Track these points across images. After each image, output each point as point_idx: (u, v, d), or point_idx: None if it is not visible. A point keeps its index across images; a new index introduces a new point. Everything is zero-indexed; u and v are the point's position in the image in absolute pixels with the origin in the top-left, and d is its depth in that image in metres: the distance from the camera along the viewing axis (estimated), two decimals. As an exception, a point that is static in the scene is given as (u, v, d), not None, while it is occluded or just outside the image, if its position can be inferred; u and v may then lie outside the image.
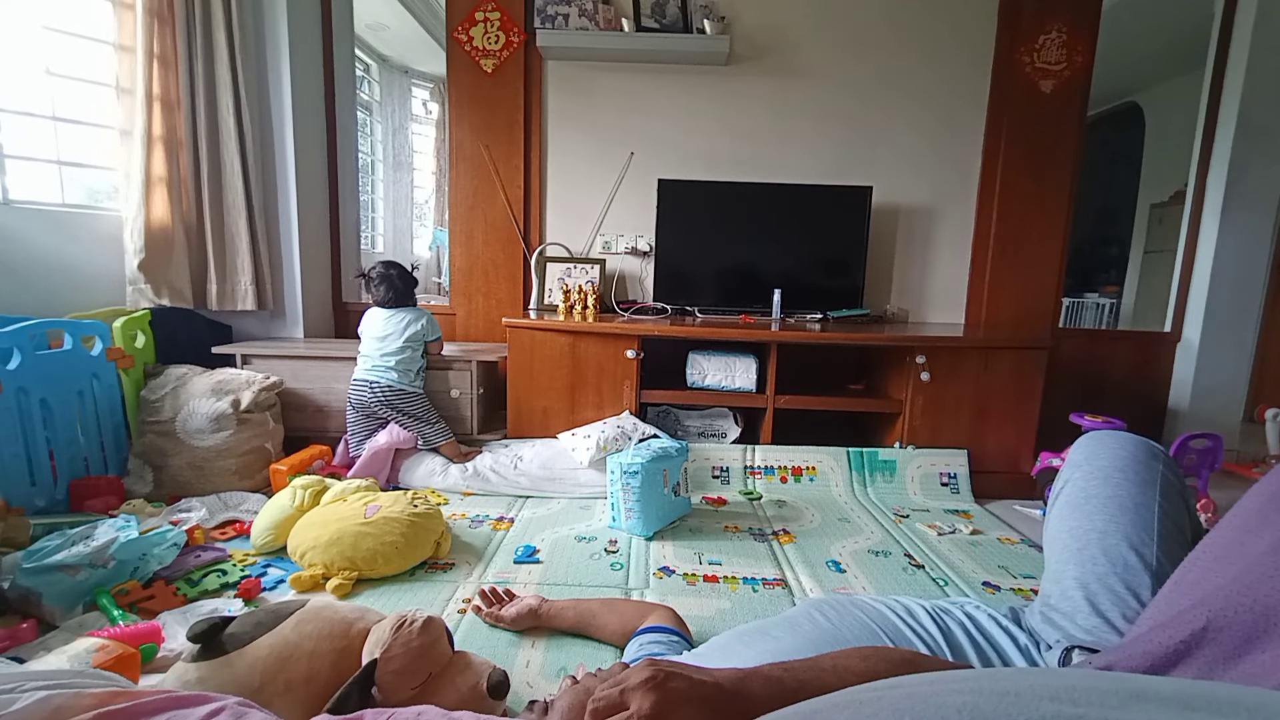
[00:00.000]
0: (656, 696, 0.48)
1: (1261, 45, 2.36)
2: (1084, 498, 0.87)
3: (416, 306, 2.15)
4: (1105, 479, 0.87)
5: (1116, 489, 0.85)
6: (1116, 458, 0.88)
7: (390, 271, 2.10)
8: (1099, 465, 0.89)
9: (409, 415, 2.03)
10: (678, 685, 0.49)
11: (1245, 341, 2.54)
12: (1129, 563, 0.79)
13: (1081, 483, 0.89)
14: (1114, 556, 0.80)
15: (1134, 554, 0.79)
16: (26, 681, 0.59)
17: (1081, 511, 0.86)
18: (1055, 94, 2.49)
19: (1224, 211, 2.46)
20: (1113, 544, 0.81)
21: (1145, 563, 0.78)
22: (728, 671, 0.53)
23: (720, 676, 0.52)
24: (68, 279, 2.03)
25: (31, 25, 1.97)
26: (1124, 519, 0.82)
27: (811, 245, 2.52)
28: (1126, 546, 0.80)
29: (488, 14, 2.50)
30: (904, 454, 2.11)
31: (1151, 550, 0.79)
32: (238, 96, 2.25)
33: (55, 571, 1.19)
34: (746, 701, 0.50)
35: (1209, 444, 1.93)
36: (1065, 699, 0.30)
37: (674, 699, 0.49)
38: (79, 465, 1.75)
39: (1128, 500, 0.83)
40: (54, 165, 2.05)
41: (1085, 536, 0.84)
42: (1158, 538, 0.79)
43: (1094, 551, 0.82)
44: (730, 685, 0.51)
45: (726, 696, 0.50)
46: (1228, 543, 0.60)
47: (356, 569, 1.36)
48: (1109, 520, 0.83)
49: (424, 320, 2.11)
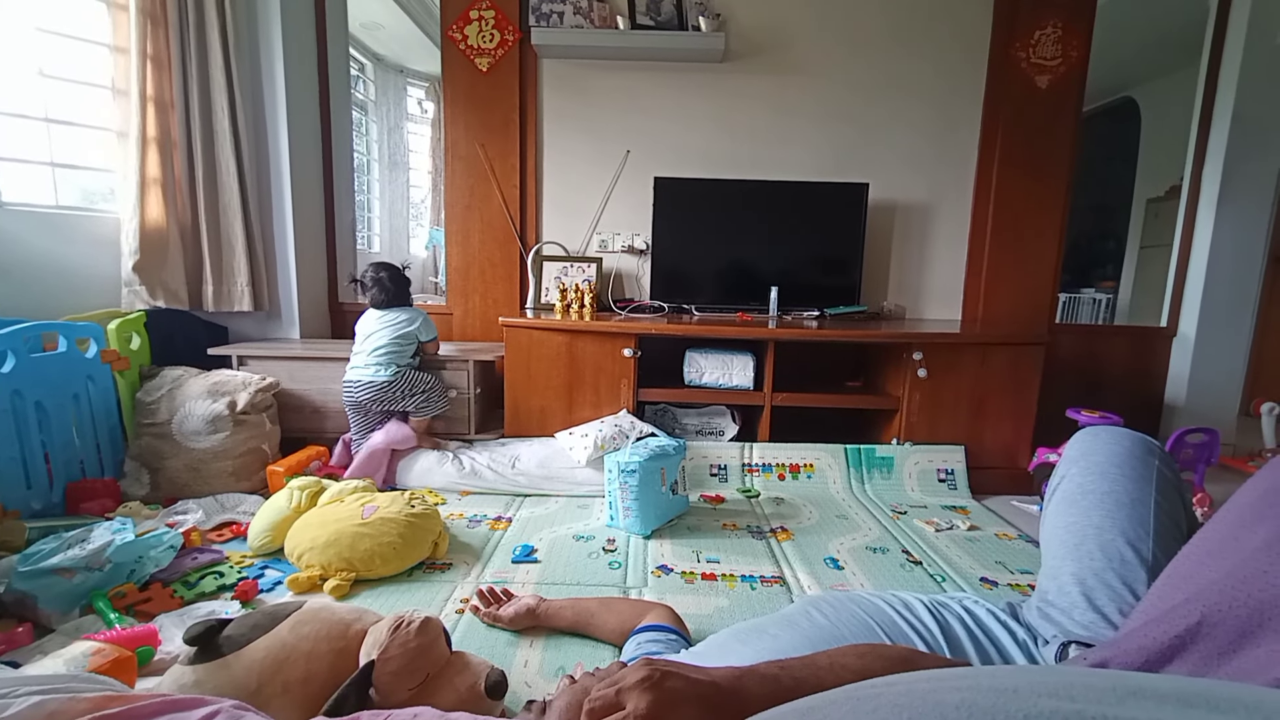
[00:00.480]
0: (653, 696, 0.48)
1: (1256, 39, 2.36)
2: (1080, 493, 0.88)
3: (412, 306, 2.15)
4: (1102, 474, 0.87)
5: (1113, 484, 0.85)
6: (1113, 453, 0.88)
7: (381, 274, 2.10)
8: (1095, 461, 0.89)
9: (400, 394, 2.02)
10: (674, 685, 0.49)
11: (1241, 336, 2.54)
12: (1125, 558, 0.79)
13: (1078, 478, 0.89)
14: (1110, 552, 0.80)
15: (1130, 549, 0.79)
16: (20, 686, 0.58)
17: (1078, 507, 0.86)
18: (1051, 89, 2.49)
19: (1220, 206, 2.47)
20: (1109, 539, 0.81)
21: (1141, 558, 0.78)
22: (724, 670, 0.53)
23: (717, 675, 0.52)
24: (62, 281, 2.02)
25: (24, 27, 1.96)
26: (1120, 514, 0.82)
27: (808, 242, 2.52)
28: (1123, 542, 0.80)
29: (482, 12, 2.49)
30: (901, 450, 2.11)
31: (1148, 546, 0.79)
32: (232, 97, 2.24)
33: (51, 575, 1.19)
34: (743, 700, 0.50)
35: (1205, 438, 1.93)
36: (1063, 695, 0.30)
37: (670, 698, 0.49)
38: (75, 468, 1.74)
39: (1124, 496, 0.83)
40: (48, 167, 2.05)
41: (1082, 532, 0.84)
42: (1154, 533, 0.80)
43: (1090, 547, 0.82)
44: (727, 684, 0.51)
45: (723, 695, 0.50)
46: (1222, 537, 0.60)
47: (354, 570, 1.36)
48: (1105, 516, 0.83)
49: (419, 320, 2.10)
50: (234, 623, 0.92)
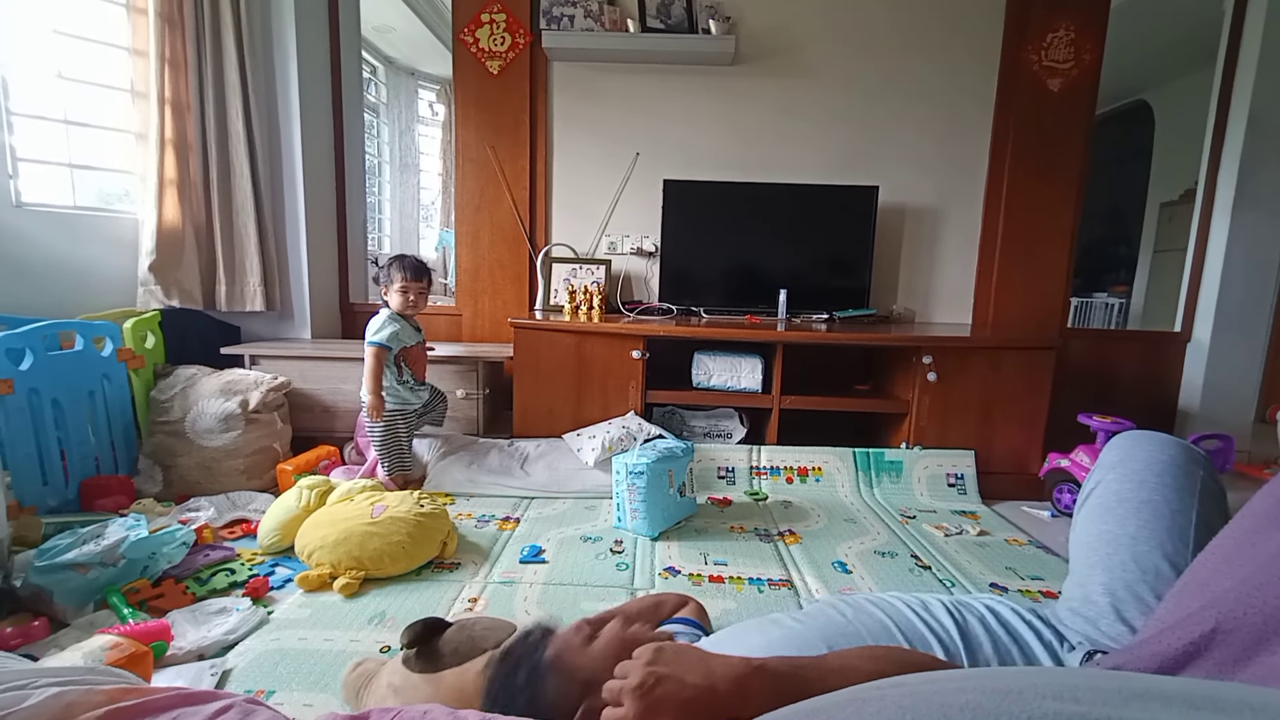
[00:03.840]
0: (643, 705, 0.53)
1: (1273, 43, 2.33)
2: (1116, 500, 0.85)
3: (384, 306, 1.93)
4: (1140, 483, 0.84)
5: (1152, 494, 0.82)
6: (1154, 461, 0.85)
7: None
8: (1133, 468, 0.86)
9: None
10: (666, 689, 0.54)
11: (1256, 341, 2.51)
12: (1161, 571, 0.76)
13: (1115, 485, 0.86)
14: (1145, 564, 0.77)
15: (1166, 563, 0.76)
16: (39, 678, 0.59)
17: (1113, 515, 0.84)
18: (1063, 93, 2.48)
19: (1235, 210, 2.44)
20: (1144, 551, 0.78)
21: (1178, 573, 0.74)
22: (732, 667, 0.55)
23: (718, 678, 0.54)
24: (79, 281, 2.05)
25: (42, 30, 1.99)
26: (1159, 526, 0.79)
27: (817, 245, 2.51)
28: (1159, 555, 0.77)
29: (493, 16, 2.51)
30: (911, 455, 2.10)
31: (1186, 560, 0.75)
32: (246, 100, 2.27)
33: (66, 570, 1.20)
34: (742, 702, 0.52)
35: (1220, 445, 1.91)
36: (1068, 697, 0.30)
37: (658, 706, 0.53)
38: (90, 465, 1.77)
39: (1163, 506, 0.80)
40: (66, 168, 2.08)
41: (1115, 541, 0.81)
42: (1194, 548, 0.76)
43: (1124, 557, 0.79)
44: (726, 686, 0.53)
45: (716, 698, 0.53)
46: (1237, 544, 0.60)
47: (363, 568, 1.37)
48: (1142, 526, 0.80)
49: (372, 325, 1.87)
50: (456, 628, 0.88)
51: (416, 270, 1.87)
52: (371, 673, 0.91)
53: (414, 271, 1.87)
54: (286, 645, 1.15)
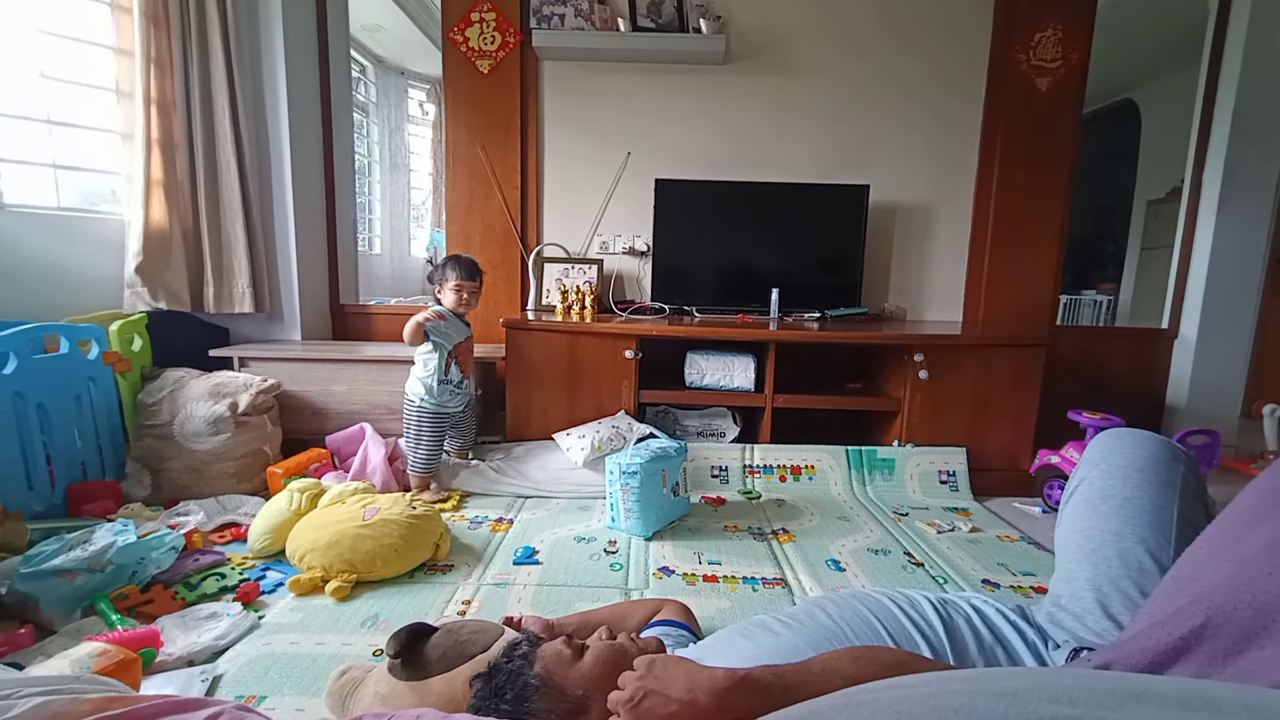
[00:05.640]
0: (631, 718, 0.59)
1: (1257, 40, 2.36)
2: (1100, 497, 0.86)
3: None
4: (1123, 479, 0.85)
5: (1135, 490, 0.83)
6: (1136, 457, 0.86)
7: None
8: (1117, 464, 0.87)
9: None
10: (651, 703, 0.58)
11: (1242, 337, 2.54)
12: (1144, 566, 0.77)
13: (1098, 481, 0.88)
14: (1129, 559, 0.79)
15: (1149, 558, 0.77)
16: (23, 688, 0.58)
17: (1097, 511, 0.85)
18: (1051, 91, 2.50)
19: (1220, 207, 2.47)
20: (1128, 547, 0.79)
21: (1161, 567, 0.76)
22: (715, 679, 0.57)
23: (700, 691, 0.57)
24: (63, 283, 2.02)
25: (25, 29, 1.96)
26: (1141, 521, 0.80)
27: (809, 244, 2.52)
28: (1142, 550, 0.78)
29: (483, 14, 2.49)
30: (903, 452, 2.11)
31: (1168, 554, 0.77)
32: (233, 99, 2.25)
33: (53, 576, 1.19)
34: (725, 714, 0.55)
35: (1207, 440, 1.93)
36: (1064, 700, 0.30)
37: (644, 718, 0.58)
38: (76, 469, 1.74)
39: (1146, 502, 0.81)
40: (49, 169, 2.05)
41: (1100, 537, 0.82)
42: (1175, 542, 0.78)
43: (1108, 553, 0.80)
44: (707, 700, 0.56)
45: (699, 712, 0.56)
46: (1225, 539, 0.60)
47: (355, 571, 1.36)
48: (1125, 522, 0.81)
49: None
50: (443, 632, 0.87)
51: (470, 269, 1.94)
52: (358, 681, 0.90)
53: (468, 270, 1.93)
54: (278, 650, 1.14)
